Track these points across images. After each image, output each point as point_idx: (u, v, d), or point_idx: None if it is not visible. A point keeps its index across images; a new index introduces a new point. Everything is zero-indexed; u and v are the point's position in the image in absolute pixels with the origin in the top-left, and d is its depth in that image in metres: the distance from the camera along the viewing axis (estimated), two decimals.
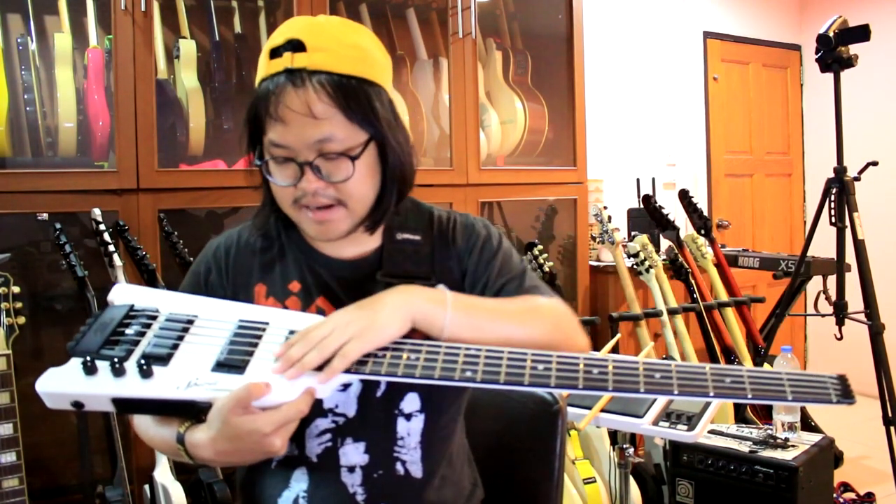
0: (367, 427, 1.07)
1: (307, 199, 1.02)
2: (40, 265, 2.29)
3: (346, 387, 1.06)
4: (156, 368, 0.89)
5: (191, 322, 0.96)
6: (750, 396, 0.83)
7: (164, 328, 0.95)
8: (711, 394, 0.83)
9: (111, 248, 2.05)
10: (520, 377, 0.86)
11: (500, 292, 1.12)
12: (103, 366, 0.88)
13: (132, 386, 0.87)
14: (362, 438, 1.07)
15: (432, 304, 0.97)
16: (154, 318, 0.96)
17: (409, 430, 1.08)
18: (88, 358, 0.88)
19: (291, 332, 0.94)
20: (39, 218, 2.09)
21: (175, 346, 0.92)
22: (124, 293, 1.00)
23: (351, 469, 1.06)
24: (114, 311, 0.97)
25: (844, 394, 0.83)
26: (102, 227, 2.06)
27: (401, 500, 1.08)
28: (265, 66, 1.03)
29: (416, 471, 1.09)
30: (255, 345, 0.93)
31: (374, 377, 0.90)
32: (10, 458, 1.68)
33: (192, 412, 0.90)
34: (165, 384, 0.88)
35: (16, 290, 1.83)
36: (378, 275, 1.08)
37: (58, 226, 2.03)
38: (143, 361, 0.88)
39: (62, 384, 0.88)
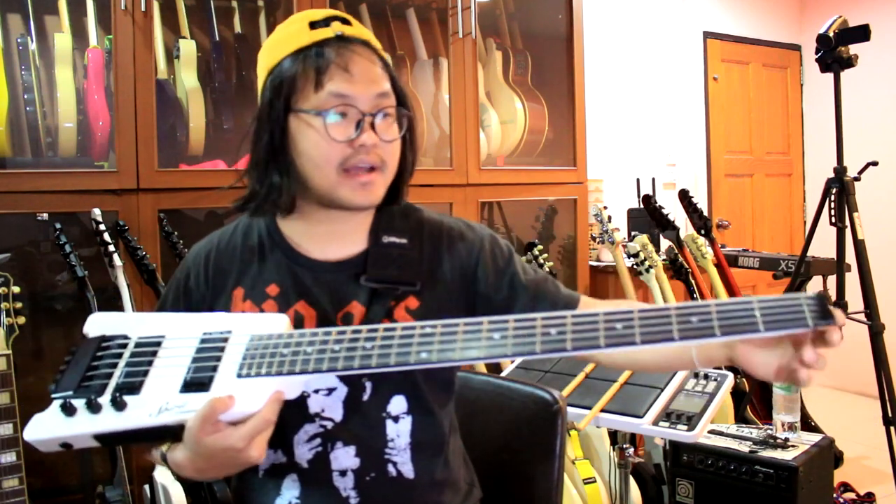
0: (355, 431, 1.06)
1: (359, 158, 1.02)
2: (40, 265, 2.29)
3: (330, 391, 1.05)
4: (128, 399, 0.89)
5: (158, 344, 0.95)
6: (719, 334, 0.77)
7: (133, 355, 0.94)
8: (677, 338, 0.78)
9: (111, 248, 2.05)
10: (476, 347, 0.83)
11: (539, 291, 1.13)
12: (80, 404, 0.88)
13: (108, 420, 0.88)
14: (352, 442, 1.06)
15: None
16: (124, 346, 0.96)
17: (398, 432, 1.08)
18: (66, 400, 0.88)
19: (253, 337, 0.93)
20: (39, 218, 2.09)
21: (145, 373, 0.92)
22: (97, 323, 1.00)
23: (343, 473, 1.06)
24: (87, 345, 0.97)
25: (822, 314, 0.76)
26: (102, 227, 2.06)
27: (394, 502, 1.08)
28: (305, 35, 1.03)
29: (408, 472, 1.09)
30: (219, 358, 0.92)
31: (339, 372, 0.88)
32: (10, 458, 1.68)
33: (170, 435, 0.89)
34: (138, 413, 0.88)
35: (16, 290, 1.83)
36: (362, 279, 1.08)
37: (58, 226, 2.03)
38: (116, 394, 0.88)
39: (46, 430, 0.88)
